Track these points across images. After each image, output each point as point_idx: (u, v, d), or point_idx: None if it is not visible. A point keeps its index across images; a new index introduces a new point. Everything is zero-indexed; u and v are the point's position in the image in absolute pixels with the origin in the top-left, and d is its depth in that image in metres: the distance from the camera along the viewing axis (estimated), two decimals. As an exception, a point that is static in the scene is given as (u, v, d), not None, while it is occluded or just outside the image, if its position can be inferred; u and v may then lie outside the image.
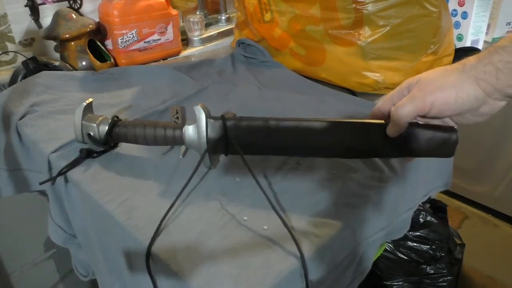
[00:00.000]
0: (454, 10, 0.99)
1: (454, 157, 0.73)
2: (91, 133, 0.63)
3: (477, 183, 1.69)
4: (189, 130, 0.56)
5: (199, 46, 1.20)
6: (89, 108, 0.66)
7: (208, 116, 0.55)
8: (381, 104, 0.50)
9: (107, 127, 0.62)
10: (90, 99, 0.66)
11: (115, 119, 0.63)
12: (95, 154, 0.65)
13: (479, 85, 0.41)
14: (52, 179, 0.64)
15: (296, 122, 0.53)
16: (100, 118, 0.63)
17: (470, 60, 0.42)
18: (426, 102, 0.42)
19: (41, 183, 0.65)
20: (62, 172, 0.62)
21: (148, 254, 0.48)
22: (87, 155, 0.64)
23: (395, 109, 0.44)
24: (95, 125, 0.62)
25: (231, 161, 0.62)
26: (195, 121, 0.56)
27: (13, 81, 0.91)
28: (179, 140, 0.58)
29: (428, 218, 1.13)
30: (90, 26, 0.98)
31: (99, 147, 0.64)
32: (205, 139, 0.55)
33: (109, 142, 0.64)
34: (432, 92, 0.42)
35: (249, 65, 1.01)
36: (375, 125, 0.49)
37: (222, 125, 0.54)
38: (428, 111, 0.43)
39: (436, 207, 1.19)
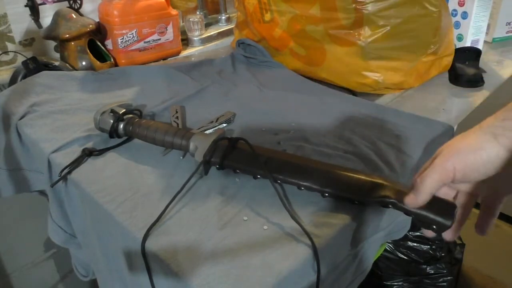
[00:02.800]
0: (454, 10, 0.99)
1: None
2: (116, 110, 0.68)
3: (477, 183, 1.68)
4: (193, 146, 0.60)
5: (199, 46, 1.20)
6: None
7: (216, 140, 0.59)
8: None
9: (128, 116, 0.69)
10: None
11: (138, 113, 0.71)
12: (96, 152, 0.66)
13: (499, 142, 0.39)
14: (62, 178, 0.63)
15: (293, 164, 0.55)
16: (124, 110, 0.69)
17: (487, 119, 0.41)
18: (447, 169, 0.41)
19: (52, 185, 0.65)
20: (70, 171, 0.63)
21: (144, 241, 0.48)
22: (89, 153, 0.65)
23: (421, 179, 0.43)
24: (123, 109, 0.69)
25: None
26: (201, 138, 0.60)
27: (13, 81, 0.91)
28: (185, 149, 0.62)
29: (428, 218, 1.13)
30: (90, 26, 0.98)
31: (112, 128, 0.67)
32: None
33: (126, 129, 0.67)
34: (450, 156, 0.41)
35: (249, 65, 1.01)
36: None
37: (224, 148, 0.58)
38: (453, 177, 0.41)
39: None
